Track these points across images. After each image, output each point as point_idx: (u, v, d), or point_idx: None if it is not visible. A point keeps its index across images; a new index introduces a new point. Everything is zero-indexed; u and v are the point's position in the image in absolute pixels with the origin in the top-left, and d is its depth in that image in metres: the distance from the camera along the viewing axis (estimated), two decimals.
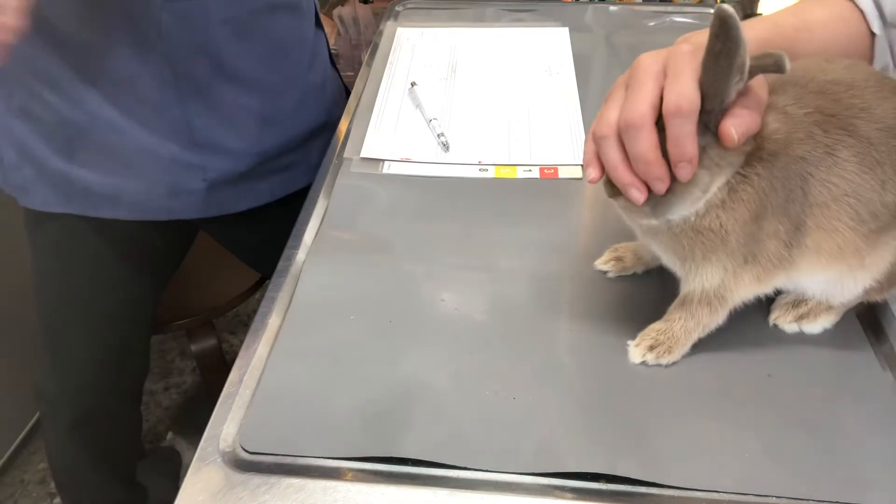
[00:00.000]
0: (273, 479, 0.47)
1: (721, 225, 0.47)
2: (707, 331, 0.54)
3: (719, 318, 0.53)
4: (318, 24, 0.96)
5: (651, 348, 0.54)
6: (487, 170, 0.76)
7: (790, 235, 0.48)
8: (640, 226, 0.52)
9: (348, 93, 1.04)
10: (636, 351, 0.54)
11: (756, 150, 0.46)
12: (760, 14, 1.60)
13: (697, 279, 0.51)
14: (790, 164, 0.46)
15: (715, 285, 0.51)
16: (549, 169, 0.76)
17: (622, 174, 0.46)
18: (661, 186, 0.45)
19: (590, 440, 0.48)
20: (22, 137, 0.80)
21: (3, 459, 1.39)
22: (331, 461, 0.48)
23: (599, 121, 0.47)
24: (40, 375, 0.95)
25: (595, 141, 0.47)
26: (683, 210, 0.47)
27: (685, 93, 0.42)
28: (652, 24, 1.06)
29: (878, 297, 0.55)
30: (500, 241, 0.66)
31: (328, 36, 1.70)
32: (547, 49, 0.99)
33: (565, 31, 1.03)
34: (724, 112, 0.43)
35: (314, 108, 0.92)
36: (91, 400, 0.96)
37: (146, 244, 0.93)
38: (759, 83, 0.44)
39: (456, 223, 0.68)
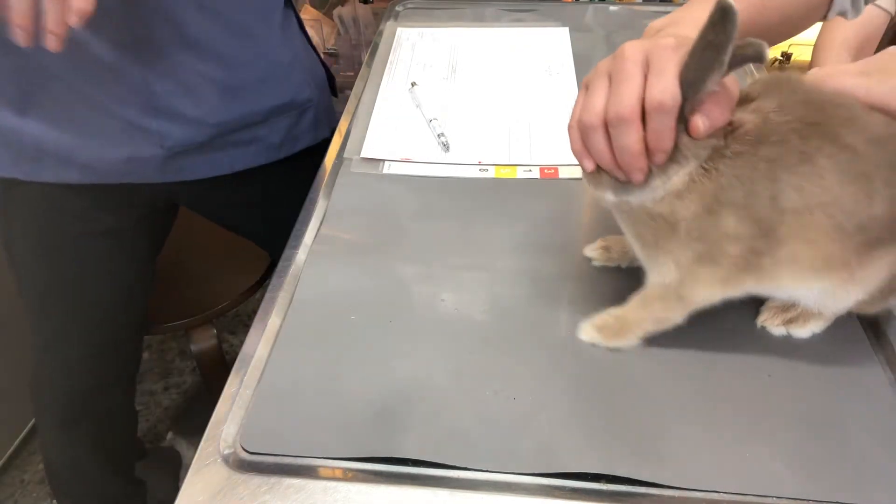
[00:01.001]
0: (273, 479, 0.47)
1: (672, 211, 0.48)
2: (661, 326, 0.54)
3: (675, 315, 0.53)
4: (289, 4, 0.95)
5: (600, 329, 0.55)
6: (487, 170, 0.76)
7: (757, 241, 0.47)
8: (604, 201, 0.52)
9: (331, 79, 1.04)
10: (585, 328, 0.56)
11: (722, 147, 0.46)
12: None
13: (655, 270, 0.52)
14: (756, 164, 0.46)
15: (672, 280, 0.51)
16: (549, 169, 0.76)
17: (609, 162, 0.48)
18: (640, 177, 0.47)
19: (590, 440, 0.48)
20: None
21: (3, 459, 1.39)
22: (331, 461, 0.48)
23: (585, 109, 0.47)
24: (32, 367, 0.96)
25: (581, 129, 0.48)
26: (643, 195, 0.48)
27: (668, 89, 0.44)
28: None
29: (869, 310, 0.54)
30: (500, 241, 0.66)
31: (328, 36, 1.69)
32: (547, 49, 0.99)
33: (565, 31, 1.03)
34: (696, 104, 0.44)
35: (278, 86, 0.91)
36: (82, 391, 0.96)
37: (121, 224, 0.93)
38: (732, 80, 0.45)
39: (456, 223, 0.68)
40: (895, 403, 0.50)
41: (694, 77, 0.43)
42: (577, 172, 0.75)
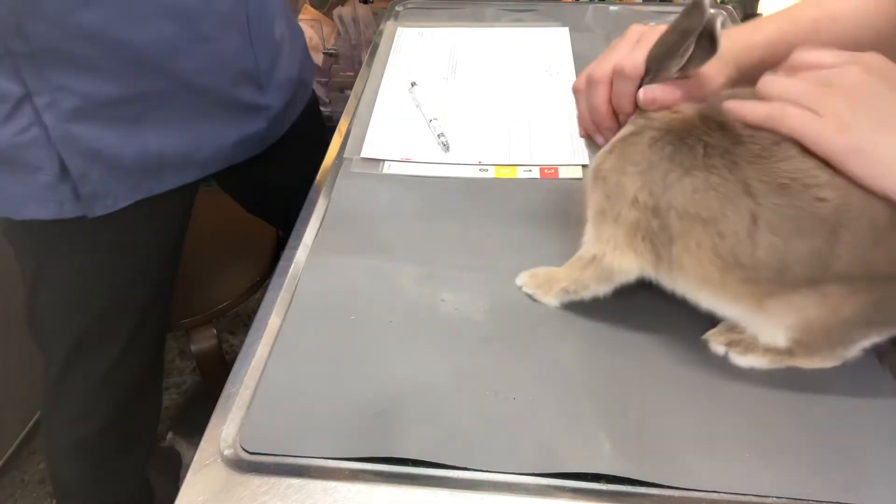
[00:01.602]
0: (273, 479, 0.47)
1: (599, 165, 0.53)
2: (580, 290, 0.56)
3: (593, 282, 0.55)
4: None
5: (531, 276, 0.60)
6: (487, 170, 0.76)
7: (652, 220, 0.49)
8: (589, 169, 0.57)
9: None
10: (521, 274, 0.61)
11: (652, 123, 0.50)
12: (760, 14, 1.59)
13: (586, 229, 0.55)
14: (660, 150, 0.49)
15: (593, 239, 0.54)
16: (549, 169, 0.76)
17: (587, 123, 0.58)
18: (605, 137, 0.56)
19: (590, 440, 0.48)
20: (85, 137, 0.73)
21: (3, 459, 1.39)
22: (331, 461, 0.48)
23: (578, 77, 0.58)
24: (45, 390, 0.92)
25: (573, 94, 0.59)
26: (594, 156, 0.56)
27: (633, 59, 0.52)
28: (652, 24, 1.05)
29: (822, 363, 0.52)
30: (500, 241, 0.66)
31: (328, 36, 1.70)
32: (547, 49, 0.99)
33: (565, 31, 1.03)
34: (656, 79, 0.52)
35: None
36: (101, 422, 0.94)
37: (150, 235, 0.89)
38: (712, 84, 0.52)
39: (456, 223, 0.68)
40: (895, 403, 0.50)
41: (658, 54, 0.50)
42: (576, 172, 0.75)
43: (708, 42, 0.49)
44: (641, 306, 0.57)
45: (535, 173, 0.75)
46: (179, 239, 0.93)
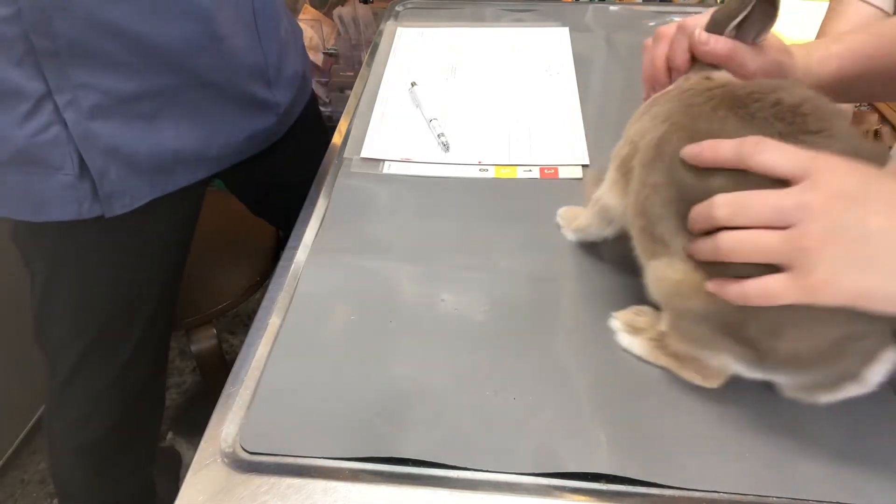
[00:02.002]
0: (273, 479, 0.47)
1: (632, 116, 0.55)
2: (588, 228, 0.61)
3: (596, 219, 0.59)
4: None
5: (565, 210, 0.67)
6: (487, 170, 0.76)
7: (629, 153, 0.51)
8: None
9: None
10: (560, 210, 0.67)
11: (684, 86, 0.51)
12: None
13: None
14: (669, 101, 0.50)
15: (604, 182, 0.56)
16: (549, 169, 0.76)
17: (645, 78, 0.58)
18: (651, 92, 0.56)
19: (590, 440, 0.48)
20: (105, 135, 0.73)
21: (3, 459, 1.39)
22: (331, 461, 0.48)
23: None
24: (49, 396, 0.91)
25: (642, 49, 0.59)
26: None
27: (696, 19, 0.53)
28: (652, 24, 1.06)
29: (695, 375, 0.51)
30: (500, 241, 0.66)
31: (328, 36, 1.70)
32: (547, 49, 0.99)
33: (565, 31, 1.03)
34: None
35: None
36: (104, 428, 0.93)
37: (162, 235, 0.89)
38: (767, 59, 0.52)
39: (456, 223, 0.68)
40: (895, 403, 0.50)
41: (719, 16, 0.51)
42: (577, 172, 0.75)
43: (770, 6, 0.49)
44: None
45: (535, 173, 0.75)
46: (188, 237, 0.93)
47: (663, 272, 0.48)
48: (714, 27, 0.51)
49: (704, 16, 0.52)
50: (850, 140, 0.44)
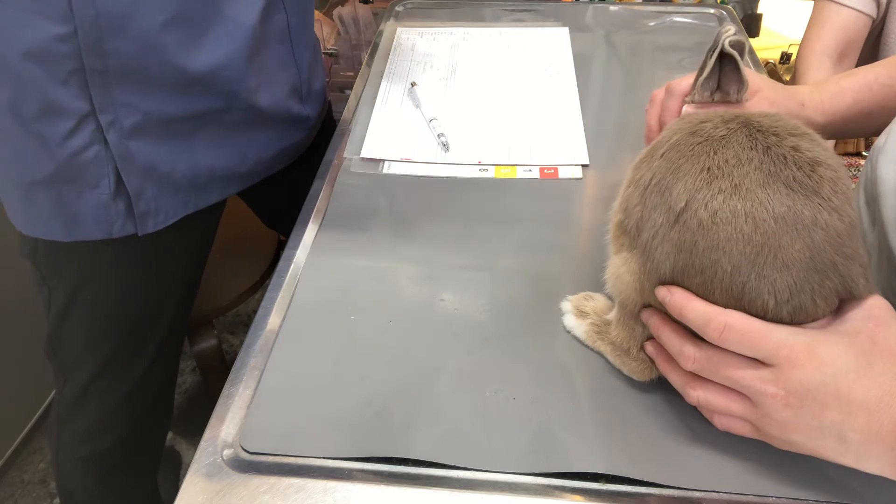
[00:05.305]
0: (273, 479, 0.47)
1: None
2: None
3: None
4: None
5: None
6: (487, 170, 0.76)
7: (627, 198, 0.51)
8: None
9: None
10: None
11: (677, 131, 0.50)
12: (760, 14, 1.59)
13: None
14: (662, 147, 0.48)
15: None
16: (549, 169, 0.76)
17: (647, 133, 0.63)
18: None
19: (590, 440, 0.48)
20: (143, 154, 0.72)
21: (3, 459, 1.39)
22: (331, 461, 0.48)
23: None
24: (58, 406, 0.91)
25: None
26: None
27: (682, 81, 0.58)
28: (652, 24, 1.06)
29: (629, 365, 0.52)
30: (500, 241, 0.66)
31: (328, 36, 1.70)
32: (547, 49, 0.99)
33: (565, 30, 1.03)
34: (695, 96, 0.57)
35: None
36: (112, 440, 0.93)
37: (185, 249, 0.88)
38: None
39: (456, 223, 0.68)
40: None
41: (696, 75, 0.55)
42: (577, 172, 0.75)
43: (734, 64, 0.52)
44: None
45: (535, 173, 0.75)
46: (207, 249, 0.93)
47: (619, 270, 0.49)
48: (694, 85, 0.56)
49: (687, 78, 0.57)
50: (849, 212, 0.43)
